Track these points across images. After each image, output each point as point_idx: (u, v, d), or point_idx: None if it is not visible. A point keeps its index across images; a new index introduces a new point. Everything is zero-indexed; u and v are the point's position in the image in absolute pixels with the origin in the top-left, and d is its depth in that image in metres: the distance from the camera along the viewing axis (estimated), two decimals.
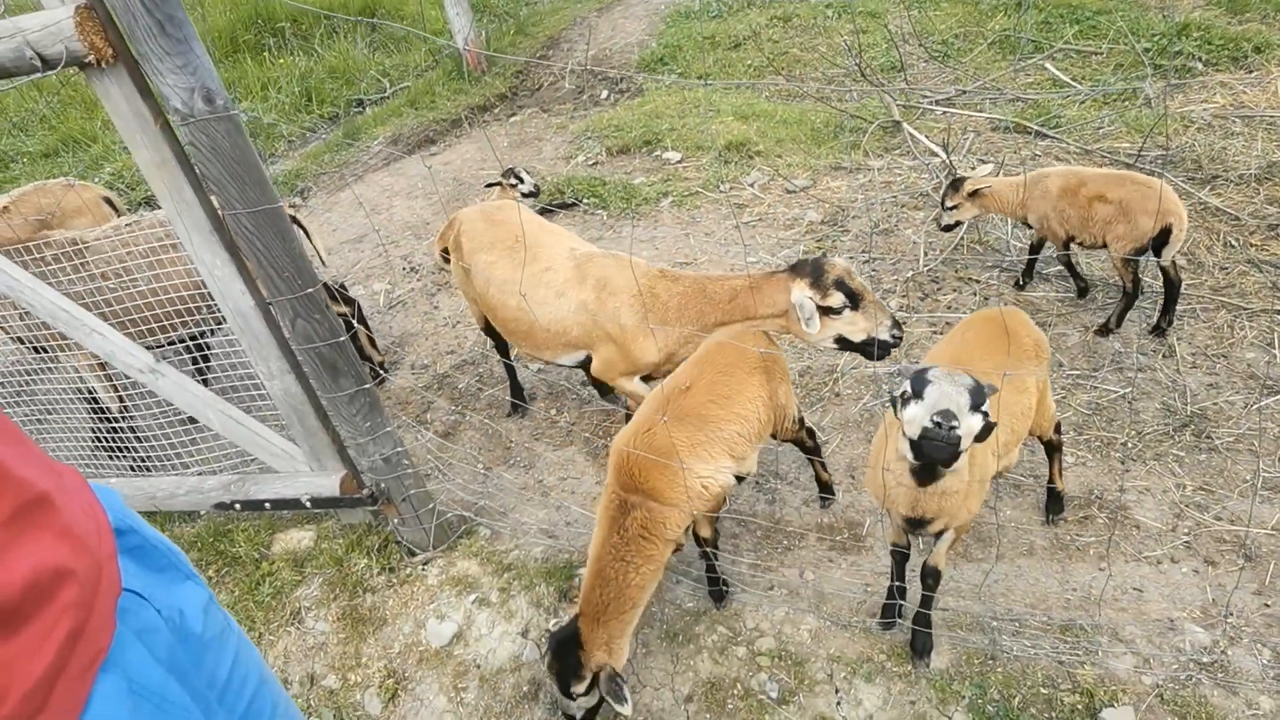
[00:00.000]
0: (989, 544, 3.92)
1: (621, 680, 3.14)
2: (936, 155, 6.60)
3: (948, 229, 5.38)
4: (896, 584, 3.50)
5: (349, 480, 4.45)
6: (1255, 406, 4.32)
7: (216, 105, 2.91)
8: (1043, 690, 3.31)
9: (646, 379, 4.29)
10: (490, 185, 6.76)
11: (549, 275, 4.22)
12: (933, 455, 2.58)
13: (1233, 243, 5.36)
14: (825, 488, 4.22)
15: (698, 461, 3.38)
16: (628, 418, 4.60)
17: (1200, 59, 7.52)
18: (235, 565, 4.51)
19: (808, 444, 4.02)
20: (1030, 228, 5.17)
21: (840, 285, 3.61)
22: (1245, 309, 4.89)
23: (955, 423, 2.48)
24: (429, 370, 5.78)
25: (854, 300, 3.62)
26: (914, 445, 2.64)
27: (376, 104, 10.62)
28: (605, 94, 9.23)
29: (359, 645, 4.01)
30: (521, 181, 6.73)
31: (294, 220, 5.71)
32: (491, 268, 4.38)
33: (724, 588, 3.80)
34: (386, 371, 5.79)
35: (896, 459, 2.88)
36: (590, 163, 7.83)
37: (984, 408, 2.55)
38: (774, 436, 3.89)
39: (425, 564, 4.37)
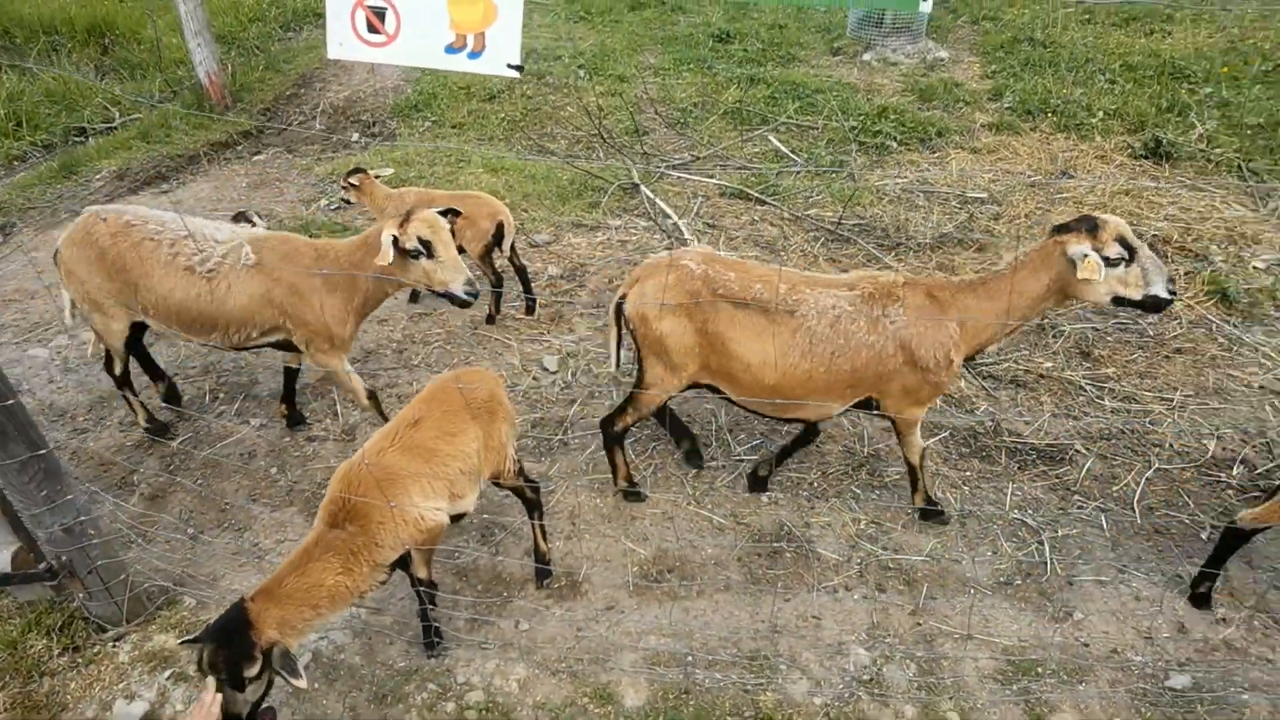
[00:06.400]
0: (692, 581, 4.22)
1: (295, 656, 3.10)
2: (669, 217, 7.09)
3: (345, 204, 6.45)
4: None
5: (23, 554, 4.04)
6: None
7: None
8: (729, 718, 3.60)
9: None
10: None
11: None
12: None
13: None
14: (542, 559, 4.23)
15: (419, 494, 3.46)
16: None
17: (895, 139, 8.65)
18: None
19: (528, 495, 4.14)
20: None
21: None
22: None
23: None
24: (139, 427, 5.33)
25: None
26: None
27: (102, 134, 9.70)
28: (356, 137, 9.06)
29: None
30: (253, 225, 6.44)
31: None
32: None
33: (436, 638, 3.81)
34: None
35: None
36: (333, 207, 7.63)
37: None
38: (496, 482, 3.99)
39: (117, 640, 4.03)
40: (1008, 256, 6.62)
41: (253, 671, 3.01)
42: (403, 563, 3.61)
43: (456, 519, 3.71)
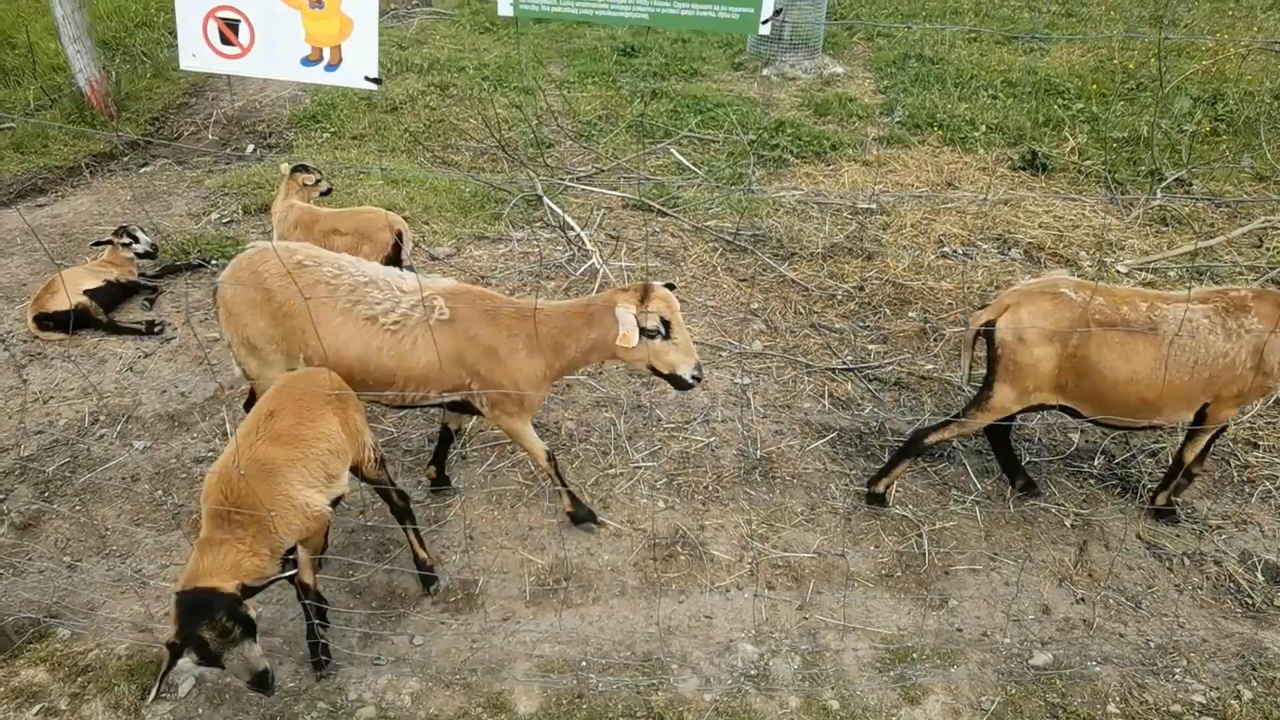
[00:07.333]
0: (588, 588, 4.27)
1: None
2: (572, 229, 7.16)
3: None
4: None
5: None
6: (808, 449, 5.18)
7: None
8: (622, 719, 3.67)
9: None
10: (98, 244, 6.19)
11: None
12: None
13: (801, 310, 6.41)
14: (423, 566, 4.26)
15: (298, 480, 3.47)
16: None
17: (792, 152, 8.93)
18: None
19: (396, 502, 4.13)
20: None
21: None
22: (808, 366, 5.85)
23: None
24: (10, 453, 5.09)
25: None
26: None
27: None
28: (251, 148, 8.84)
29: None
30: (135, 240, 6.25)
31: None
32: None
33: (325, 657, 3.76)
34: None
35: None
36: (225, 220, 7.44)
37: None
38: (361, 476, 3.96)
39: None
40: (895, 265, 6.94)
41: (251, 612, 3.14)
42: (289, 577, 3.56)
43: (334, 503, 3.69)
